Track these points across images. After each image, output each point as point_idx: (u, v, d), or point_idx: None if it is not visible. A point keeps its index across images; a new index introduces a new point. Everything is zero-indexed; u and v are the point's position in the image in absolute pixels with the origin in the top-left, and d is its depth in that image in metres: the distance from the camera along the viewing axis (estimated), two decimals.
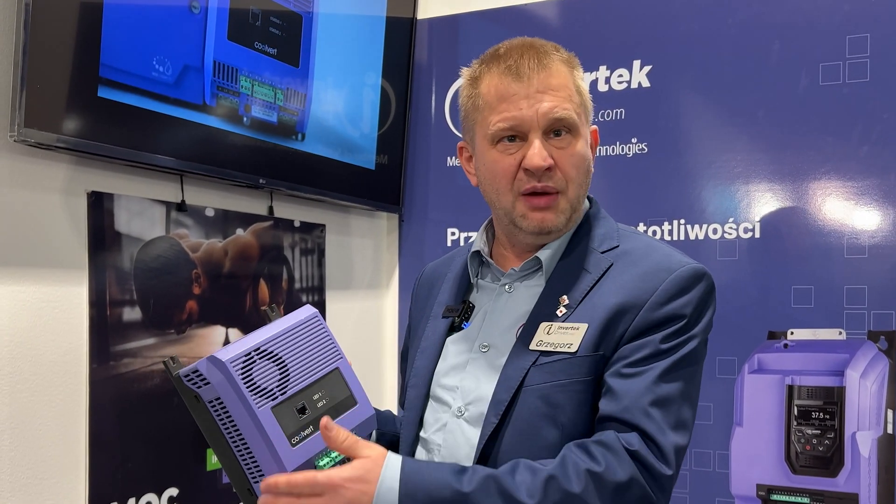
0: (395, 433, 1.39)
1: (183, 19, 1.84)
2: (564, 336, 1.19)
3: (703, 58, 2.32)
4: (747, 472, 2.20)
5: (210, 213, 2.04)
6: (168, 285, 1.91)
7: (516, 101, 1.22)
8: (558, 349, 1.19)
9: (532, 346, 1.20)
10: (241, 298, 2.13)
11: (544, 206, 1.24)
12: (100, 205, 1.77)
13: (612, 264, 1.24)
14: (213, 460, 2.01)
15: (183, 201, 1.95)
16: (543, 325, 1.22)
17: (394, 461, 1.11)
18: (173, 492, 1.92)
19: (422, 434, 1.30)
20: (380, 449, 1.13)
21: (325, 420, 1.12)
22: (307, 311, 1.23)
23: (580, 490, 1.08)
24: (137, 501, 1.83)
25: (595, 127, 1.32)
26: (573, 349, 1.18)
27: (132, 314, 1.83)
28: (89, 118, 1.65)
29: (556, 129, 1.23)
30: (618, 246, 1.27)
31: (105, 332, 1.77)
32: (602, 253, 1.26)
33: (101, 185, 1.78)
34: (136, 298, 1.83)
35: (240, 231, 2.14)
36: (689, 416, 1.19)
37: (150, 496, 1.86)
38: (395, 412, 1.49)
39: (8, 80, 1.56)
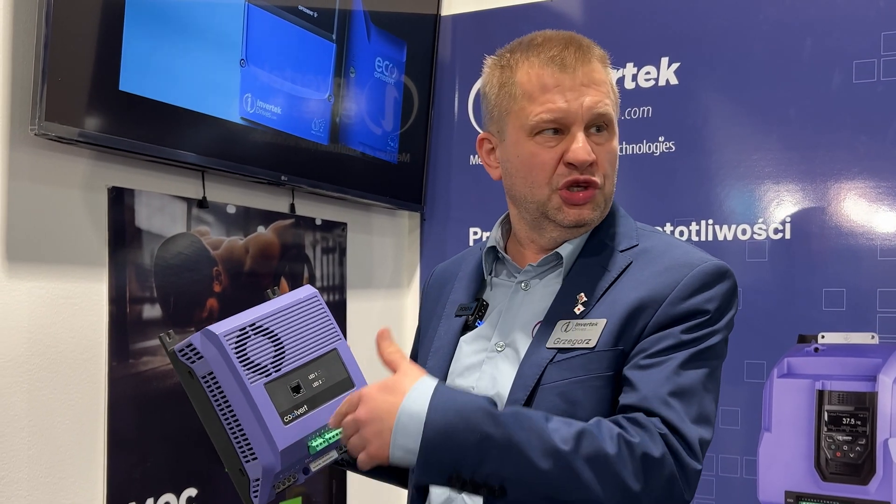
0: None
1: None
2: (583, 332, 1.17)
3: (733, 54, 2.27)
4: (775, 478, 2.16)
5: (231, 210, 2.02)
6: (188, 283, 1.89)
7: (561, 93, 1.20)
8: (576, 345, 1.16)
9: (549, 344, 1.18)
10: (261, 296, 2.10)
11: (581, 201, 1.22)
12: (120, 200, 1.75)
13: (630, 262, 1.22)
14: None
15: (204, 198, 1.93)
16: (561, 322, 1.20)
17: (430, 380, 1.09)
18: (192, 492, 1.90)
19: None
20: (420, 370, 1.12)
21: (383, 329, 1.15)
22: (306, 290, 1.23)
23: (614, 452, 1.04)
24: (156, 501, 1.82)
25: None
26: (591, 344, 1.16)
27: (152, 311, 1.81)
28: (110, 112, 1.64)
29: (598, 125, 1.22)
30: (637, 245, 1.25)
31: (125, 329, 1.75)
32: (621, 252, 1.24)
33: (122, 180, 1.77)
34: (157, 296, 1.82)
35: (261, 228, 2.11)
36: (712, 410, 1.15)
37: (169, 496, 1.84)
38: None
39: (29, 73, 1.54)
